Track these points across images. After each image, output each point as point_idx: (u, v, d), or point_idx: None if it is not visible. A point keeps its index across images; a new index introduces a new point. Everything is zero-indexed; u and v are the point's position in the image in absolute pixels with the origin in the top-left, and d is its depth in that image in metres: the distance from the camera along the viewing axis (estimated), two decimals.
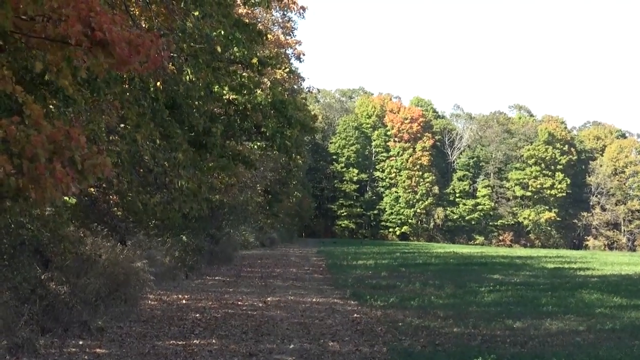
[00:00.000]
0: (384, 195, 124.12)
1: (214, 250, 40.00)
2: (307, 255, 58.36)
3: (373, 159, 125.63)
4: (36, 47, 8.51)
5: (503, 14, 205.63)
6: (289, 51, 50.87)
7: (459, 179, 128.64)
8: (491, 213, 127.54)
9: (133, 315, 19.85)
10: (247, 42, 20.58)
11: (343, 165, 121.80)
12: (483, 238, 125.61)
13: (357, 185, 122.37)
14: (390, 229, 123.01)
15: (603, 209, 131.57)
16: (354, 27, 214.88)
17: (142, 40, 8.42)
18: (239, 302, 24.47)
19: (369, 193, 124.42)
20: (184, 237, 32.54)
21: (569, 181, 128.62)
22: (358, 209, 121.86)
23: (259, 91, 24.30)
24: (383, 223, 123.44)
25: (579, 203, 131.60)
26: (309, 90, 63.01)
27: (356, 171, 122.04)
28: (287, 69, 42.89)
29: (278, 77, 41.22)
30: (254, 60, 22.23)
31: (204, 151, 22.51)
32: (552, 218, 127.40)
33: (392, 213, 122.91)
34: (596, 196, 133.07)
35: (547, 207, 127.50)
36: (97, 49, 8.05)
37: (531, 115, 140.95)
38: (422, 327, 19.41)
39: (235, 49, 20.44)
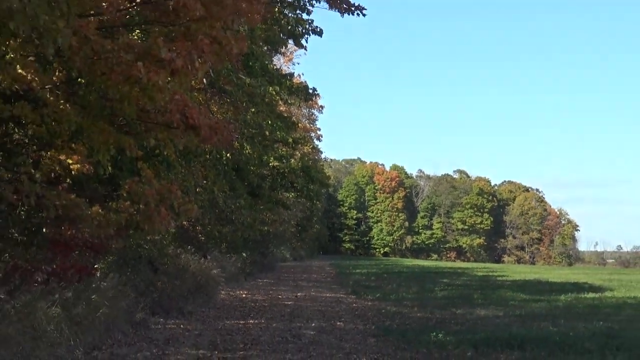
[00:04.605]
0: (373, 227, 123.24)
1: (263, 262, 39.75)
2: (323, 266, 57.86)
3: (366, 204, 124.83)
4: (150, 130, 8.57)
5: (448, 104, 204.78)
6: (312, 134, 50.96)
7: (422, 217, 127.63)
8: (442, 239, 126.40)
9: (211, 304, 19.68)
10: (285, 129, 20.68)
11: (346, 208, 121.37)
12: (437, 256, 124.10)
13: (356, 221, 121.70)
14: (377, 249, 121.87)
15: (514, 237, 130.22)
16: (356, 115, 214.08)
17: (219, 126, 8.46)
18: (279, 296, 24.25)
19: (363, 226, 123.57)
20: (244, 253, 32.40)
21: (492, 219, 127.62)
22: (356, 236, 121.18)
23: (292, 160, 24.44)
24: (372, 245, 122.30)
25: (498, 233, 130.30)
26: (325, 160, 63.13)
27: (355, 212, 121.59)
28: (311, 146, 43.05)
29: (305, 151, 41.24)
30: (290, 140, 22.36)
31: (257, 199, 22.53)
32: (481, 243, 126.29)
33: (378, 239, 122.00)
34: (509, 229, 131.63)
35: (478, 236, 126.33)
36: (190, 131, 8.09)
37: (468, 176, 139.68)
38: (397, 313, 19.13)
39: (278, 133, 20.55)
